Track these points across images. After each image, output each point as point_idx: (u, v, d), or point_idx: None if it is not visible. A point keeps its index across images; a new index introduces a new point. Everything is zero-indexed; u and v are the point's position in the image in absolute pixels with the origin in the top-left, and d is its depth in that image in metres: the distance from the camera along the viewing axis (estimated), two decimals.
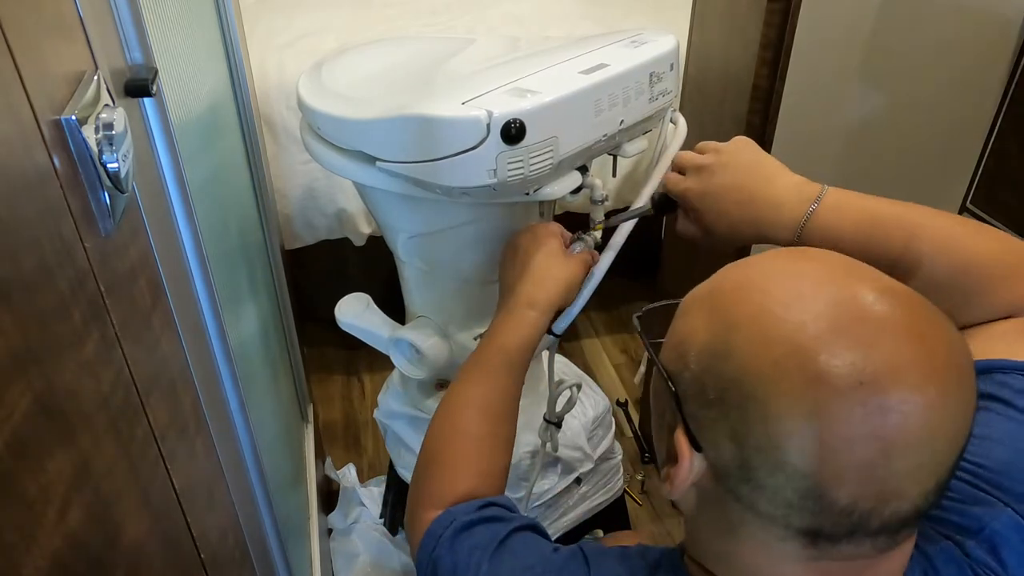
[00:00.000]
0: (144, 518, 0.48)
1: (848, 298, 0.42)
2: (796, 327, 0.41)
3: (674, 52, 0.88)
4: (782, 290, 0.43)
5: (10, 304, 0.34)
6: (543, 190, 0.80)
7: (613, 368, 2.08)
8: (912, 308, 0.42)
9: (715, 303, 0.46)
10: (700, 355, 0.45)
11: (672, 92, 0.90)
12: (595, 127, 0.80)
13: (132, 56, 0.58)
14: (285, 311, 1.45)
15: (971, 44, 1.32)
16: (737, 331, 0.43)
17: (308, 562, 1.29)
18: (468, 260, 0.99)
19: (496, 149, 0.72)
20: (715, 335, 0.44)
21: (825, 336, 0.40)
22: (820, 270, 0.45)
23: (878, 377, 0.39)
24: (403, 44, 1.09)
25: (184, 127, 0.77)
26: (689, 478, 0.46)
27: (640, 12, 2.17)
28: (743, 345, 0.42)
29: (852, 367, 0.39)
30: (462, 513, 0.63)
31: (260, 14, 2.08)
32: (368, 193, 0.97)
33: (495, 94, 0.75)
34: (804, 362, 0.40)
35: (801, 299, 0.42)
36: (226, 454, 0.72)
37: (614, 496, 1.41)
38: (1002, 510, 0.49)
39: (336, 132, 0.87)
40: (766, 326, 0.42)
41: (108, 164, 0.45)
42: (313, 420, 1.61)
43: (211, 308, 0.71)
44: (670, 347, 0.49)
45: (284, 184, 1.77)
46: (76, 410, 0.40)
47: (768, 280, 0.45)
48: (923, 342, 0.41)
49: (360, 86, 0.93)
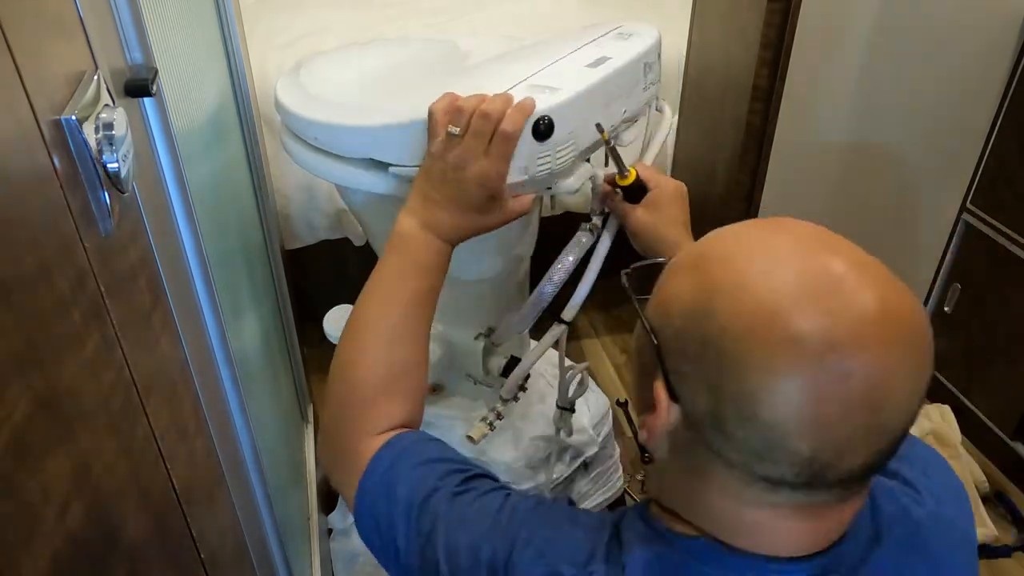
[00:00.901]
0: (144, 518, 0.48)
1: (821, 268, 0.46)
2: (773, 293, 0.45)
3: (659, 42, 0.92)
4: (762, 259, 0.48)
5: (10, 304, 0.34)
6: (563, 183, 0.81)
7: (613, 368, 2.08)
8: (879, 280, 0.46)
9: (701, 267, 0.50)
10: (684, 314, 0.48)
11: (659, 81, 0.93)
12: (605, 118, 0.81)
13: (132, 56, 0.58)
14: (285, 311, 1.45)
15: (971, 44, 1.32)
16: (720, 294, 0.47)
17: (308, 562, 1.29)
18: (463, 261, 0.98)
19: (527, 146, 0.73)
20: (699, 297, 0.48)
21: (800, 303, 0.44)
22: (797, 241, 0.49)
23: (844, 342, 0.43)
24: (381, 47, 1.08)
25: (184, 127, 0.77)
26: (665, 426, 0.50)
27: (640, 12, 2.17)
28: (724, 307, 0.46)
29: (822, 332, 0.43)
30: (411, 441, 0.65)
31: (260, 14, 2.08)
32: (362, 201, 0.96)
33: (517, 92, 0.75)
34: (778, 325, 0.44)
35: (779, 267, 0.46)
36: (226, 454, 0.72)
37: (614, 495, 1.42)
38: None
39: (337, 141, 0.85)
40: (747, 291, 0.46)
41: (108, 164, 0.45)
42: (313, 420, 1.61)
43: (211, 308, 0.71)
44: (656, 304, 0.52)
45: (284, 184, 1.77)
46: (76, 410, 0.40)
47: (750, 249, 0.49)
48: (887, 312, 0.45)
49: (354, 91, 0.92)
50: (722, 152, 1.39)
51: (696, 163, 1.60)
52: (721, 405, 0.46)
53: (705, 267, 0.49)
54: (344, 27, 2.04)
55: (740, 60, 1.27)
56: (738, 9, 1.27)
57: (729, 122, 1.34)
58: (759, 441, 0.45)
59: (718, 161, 1.42)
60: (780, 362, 0.43)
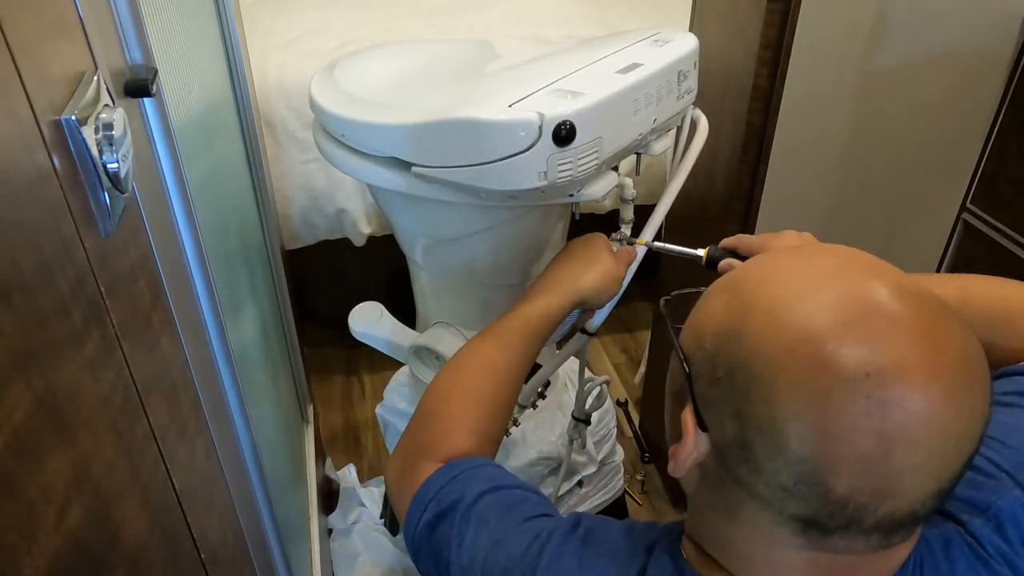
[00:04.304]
0: (144, 518, 0.48)
1: (862, 293, 0.43)
2: (808, 316, 0.42)
3: (696, 50, 0.89)
4: (799, 282, 0.45)
5: (10, 304, 0.34)
6: (586, 190, 0.80)
7: (613, 368, 2.08)
8: (925, 307, 0.43)
9: (735, 290, 0.48)
10: (714, 336, 0.46)
11: (695, 90, 0.91)
12: (633, 126, 0.80)
13: (132, 56, 0.58)
14: (285, 311, 1.45)
15: (971, 44, 1.32)
16: (752, 317, 0.44)
17: (308, 562, 1.29)
18: (489, 264, 0.98)
19: (547, 151, 0.72)
20: (730, 319, 0.45)
21: (836, 327, 0.41)
22: (839, 265, 0.46)
23: (883, 371, 0.40)
24: (416, 47, 1.08)
25: (184, 127, 0.77)
26: (692, 456, 0.47)
27: (640, 12, 2.17)
28: (756, 330, 0.43)
29: (860, 359, 0.40)
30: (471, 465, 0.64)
31: (260, 14, 2.08)
32: (389, 199, 0.96)
33: (540, 96, 0.74)
34: (813, 350, 0.41)
35: (817, 291, 0.44)
36: (226, 454, 0.72)
37: (614, 496, 1.42)
38: (1010, 489, 0.50)
39: (364, 138, 0.85)
40: (780, 314, 0.43)
41: (108, 164, 0.45)
42: (313, 420, 1.61)
43: (211, 308, 0.71)
44: (688, 327, 0.50)
45: (284, 184, 1.77)
46: (76, 410, 0.40)
47: (787, 272, 0.47)
48: (932, 341, 0.41)
49: (383, 90, 0.92)
50: (722, 152, 1.39)
51: (696, 163, 1.60)
52: (748, 434, 0.43)
53: (740, 289, 0.47)
54: (344, 27, 2.04)
55: (740, 60, 1.27)
56: (738, 9, 1.26)
57: (729, 122, 1.34)
58: (789, 476, 0.42)
59: (718, 161, 1.42)
60: (812, 388, 0.40)
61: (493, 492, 0.60)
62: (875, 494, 0.41)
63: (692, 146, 0.93)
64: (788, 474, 0.42)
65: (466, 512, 0.59)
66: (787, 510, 0.43)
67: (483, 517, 0.58)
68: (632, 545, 0.55)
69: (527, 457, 1.21)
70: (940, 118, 1.40)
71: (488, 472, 0.63)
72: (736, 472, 0.45)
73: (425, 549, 0.61)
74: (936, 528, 0.50)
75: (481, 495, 0.59)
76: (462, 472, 0.62)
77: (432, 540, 0.60)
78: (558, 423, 1.23)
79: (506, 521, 0.58)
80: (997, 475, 0.51)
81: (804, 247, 0.50)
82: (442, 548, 0.59)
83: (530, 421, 1.21)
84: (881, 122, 1.37)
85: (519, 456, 1.21)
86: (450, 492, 0.61)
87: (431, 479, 0.62)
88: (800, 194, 1.41)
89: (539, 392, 1.03)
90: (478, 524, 0.58)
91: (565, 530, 0.56)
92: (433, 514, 0.60)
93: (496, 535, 0.57)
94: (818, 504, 0.42)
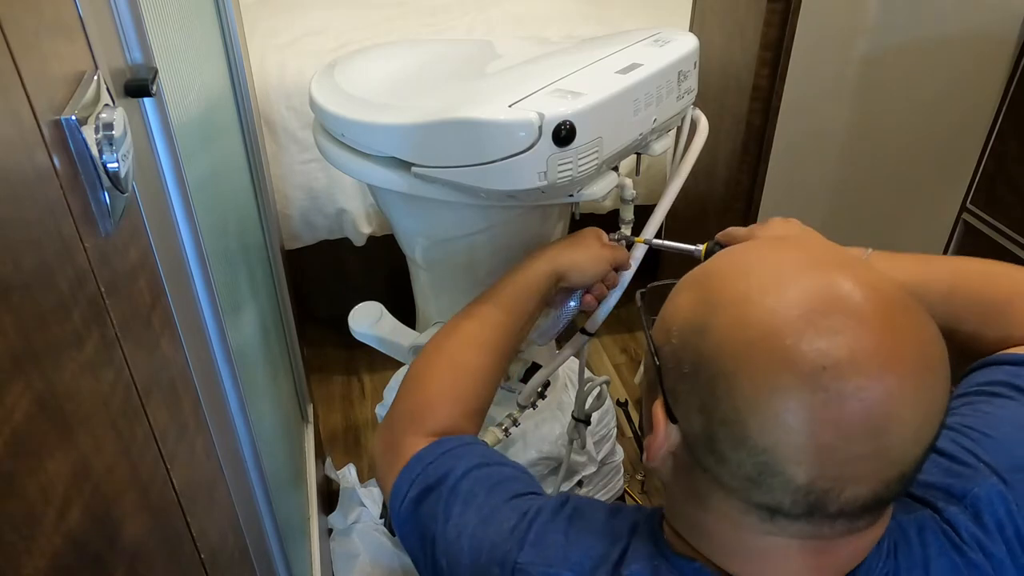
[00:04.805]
0: (144, 518, 0.48)
1: (824, 287, 0.44)
2: (771, 312, 0.43)
3: (696, 50, 0.89)
4: (764, 276, 0.46)
5: (10, 304, 0.34)
6: (586, 190, 0.80)
7: (613, 368, 2.08)
8: (886, 300, 0.44)
9: (702, 284, 0.49)
10: (681, 330, 0.47)
11: (695, 90, 0.91)
12: (633, 126, 0.80)
13: (132, 56, 0.58)
14: (285, 311, 1.45)
15: (971, 44, 1.32)
16: (717, 312, 0.45)
17: (308, 562, 1.29)
18: (489, 264, 0.98)
19: (547, 151, 0.72)
20: (696, 313, 0.47)
21: (797, 322, 0.42)
22: (803, 258, 0.47)
23: (840, 364, 0.41)
24: (416, 47, 1.08)
25: (184, 127, 0.77)
26: (664, 447, 0.48)
27: (640, 12, 2.17)
28: (720, 325, 0.44)
29: (817, 352, 0.41)
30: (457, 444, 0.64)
31: (260, 14, 2.08)
32: (389, 199, 0.96)
33: (540, 96, 0.74)
34: (773, 344, 0.42)
35: (779, 286, 0.44)
36: (226, 454, 0.72)
37: (614, 496, 1.42)
38: (987, 477, 0.51)
39: (364, 138, 0.85)
40: (744, 309, 0.44)
41: (108, 164, 0.45)
42: (313, 420, 1.61)
43: (211, 308, 0.71)
44: (659, 321, 0.51)
45: (284, 184, 1.77)
46: (76, 410, 0.40)
47: (752, 266, 0.47)
48: (890, 333, 0.42)
49: (383, 90, 0.92)
50: (722, 152, 1.39)
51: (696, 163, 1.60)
52: (713, 426, 0.44)
53: (707, 283, 0.48)
54: (344, 27, 2.04)
55: (740, 60, 1.27)
56: (738, 9, 1.27)
57: (729, 121, 1.34)
58: (753, 466, 0.43)
59: (718, 161, 1.42)
60: (772, 381, 0.41)
61: (482, 468, 0.61)
62: (836, 481, 0.42)
63: (692, 146, 0.93)
64: (751, 465, 0.43)
65: (454, 487, 0.59)
66: (752, 498, 0.45)
67: (472, 492, 0.59)
68: (617, 525, 0.56)
69: (527, 457, 1.21)
70: (940, 118, 1.40)
71: (477, 449, 0.64)
72: (704, 462, 0.46)
73: (410, 525, 0.61)
74: (911, 515, 0.51)
75: (469, 471, 0.60)
76: (451, 448, 0.63)
77: (418, 515, 0.60)
78: (558, 423, 1.23)
79: (495, 497, 0.58)
80: (975, 465, 0.52)
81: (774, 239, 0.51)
82: (428, 523, 0.59)
83: (530, 421, 1.21)
84: (881, 122, 1.37)
85: (519, 456, 1.21)
86: (438, 467, 0.61)
87: (419, 455, 0.63)
88: (800, 194, 1.41)
89: (539, 392, 1.04)
90: (466, 499, 0.58)
91: (553, 508, 0.57)
92: (420, 489, 0.61)
93: (484, 511, 0.57)
94: (781, 493, 0.43)
